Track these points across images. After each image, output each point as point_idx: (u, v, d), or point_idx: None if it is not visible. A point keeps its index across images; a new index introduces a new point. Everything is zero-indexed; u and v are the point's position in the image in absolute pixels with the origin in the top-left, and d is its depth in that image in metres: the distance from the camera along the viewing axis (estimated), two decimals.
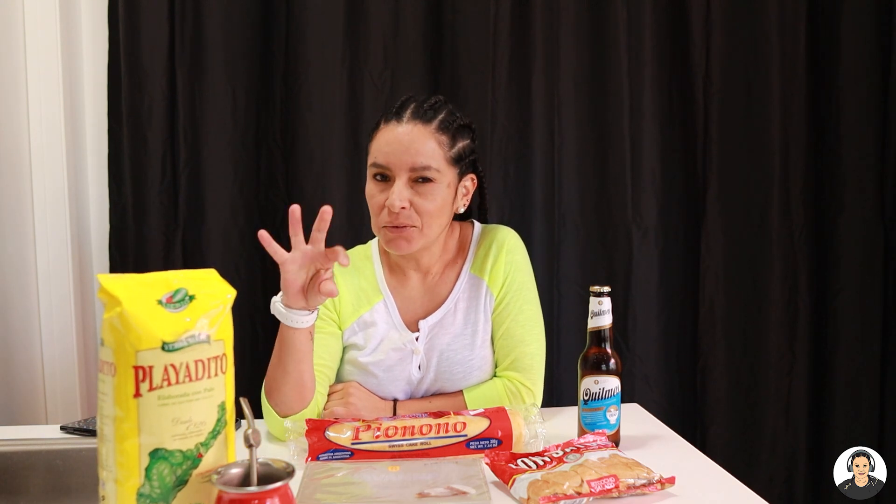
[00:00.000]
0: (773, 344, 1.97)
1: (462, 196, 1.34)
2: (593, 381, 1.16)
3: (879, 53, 1.93)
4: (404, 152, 1.23)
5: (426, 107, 1.27)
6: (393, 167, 1.24)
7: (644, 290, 1.94)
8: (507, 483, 1.00)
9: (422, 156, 1.23)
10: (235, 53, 1.85)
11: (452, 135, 1.27)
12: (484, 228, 1.42)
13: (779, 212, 1.95)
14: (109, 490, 0.77)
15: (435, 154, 1.24)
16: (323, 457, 1.10)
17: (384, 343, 1.33)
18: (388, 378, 1.33)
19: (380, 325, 1.34)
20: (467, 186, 1.34)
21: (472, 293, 1.35)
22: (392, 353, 1.33)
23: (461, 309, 1.35)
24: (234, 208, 1.87)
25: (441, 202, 1.26)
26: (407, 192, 1.23)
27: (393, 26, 1.86)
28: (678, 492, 1.00)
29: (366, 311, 1.35)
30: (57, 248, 1.85)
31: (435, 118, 1.26)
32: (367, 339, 1.34)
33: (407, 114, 1.26)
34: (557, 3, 1.88)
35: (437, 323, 1.34)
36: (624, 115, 1.91)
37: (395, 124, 1.25)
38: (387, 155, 1.24)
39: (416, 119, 1.25)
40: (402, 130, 1.24)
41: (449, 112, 1.29)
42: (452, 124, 1.28)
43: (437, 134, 1.25)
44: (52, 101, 1.82)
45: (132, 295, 0.76)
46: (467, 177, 1.33)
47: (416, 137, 1.24)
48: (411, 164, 1.23)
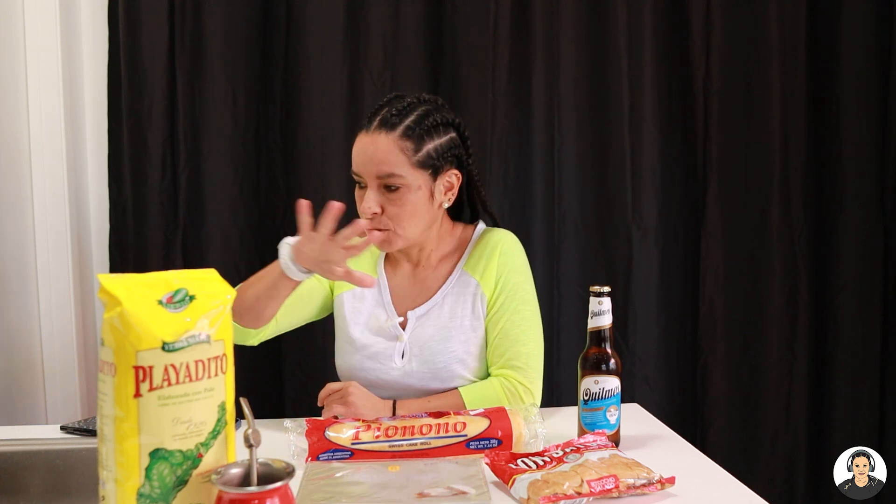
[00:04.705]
0: (773, 344, 1.97)
1: (445, 191, 1.36)
2: (593, 381, 1.16)
3: (879, 53, 1.93)
4: (369, 162, 1.29)
5: (394, 112, 1.30)
6: (363, 175, 1.31)
7: (644, 290, 1.94)
8: (507, 483, 1.00)
9: (385, 164, 1.28)
10: (235, 53, 1.85)
11: (419, 137, 1.29)
12: (485, 230, 1.44)
13: (779, 212, 1.95)
14: (109, 490, 0.77)
15: (398, 161, 1.28)
16: (323, 457, 1.10)
17: (371, 321, 1.39)
18: (373, 366, 1.37)
19: (368, 301, 1.41)
20: (450, 181, 1.36)
21: (461, 289, 1.38)
22: (377, 339, 1.37)
23: (448, 304, 1.38)
24: (234, 208, 1.87)
25: (412, 206, 1.30)
26: (378, 198, 1.30)
27: (393, 26, 1.86)
28: (678, 492, 1.00)
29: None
30: (57, 248, 1.85)
31: (400, 124, 1.29)
32: (355, 314, 1.41)
33: (375, 122, 1.30)
34: (557, 3, 1.88)
35: (425, 314, 1.38)
36: (624, 115, 1.91)
37: (364, 133, 1.31)
38: (357, 164, 1.32)
39: (381, 127, 1.29)
40: (369, 140, 1.30)
41: (420, 114, 1.31)
42: (420, 126, 1.30)
43: (400, 141, 1.28)
44: (52, 102, 1.82)
45: (132, 295, 0.76)
46: (448, 173, 1.35)
47: (380, 147, 1.28)
48: (377, 173, 1.29)
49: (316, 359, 1.88)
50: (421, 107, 1.32)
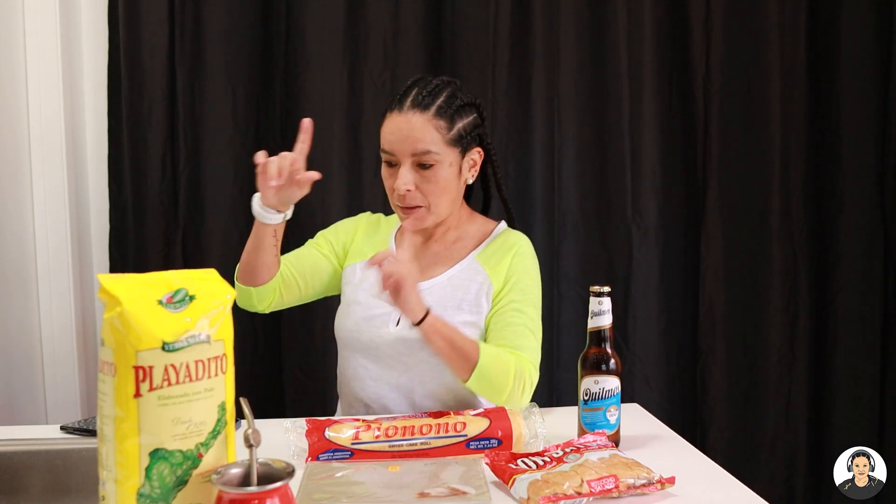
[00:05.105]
0: (773, 344, 1.97)
1: (469, 168, 1.41)
2: (593, 381, 1.16)
3: (879, 53, 1.93)
4: (405, 140, 1.33)
5: (426, 93, 1.35)
6: (397, 153, 1.34)
7: (644, 290, 1.94)
8: (507, 483, 1.00)
9: (421, 143, 1.32)
10: (235, 53, 1.85)
11: (451, 117, 1.35)
12: (505, 230, 1.48)
13: (779, 212, 1.95)
14: (109, 490, 0.77)
15: (434, 139, 1.33)
16: (323, 457, 1.10)
17: (377, 286, 1.35)
18: (368, 328, 1.38)
19: (376, 269, 1.36)
20: (474, 159, 1.42)
21: (470, 276, 1.40)
22: (378, 302, 1.37)
23: (452, 286, 1.40)
24: (234, 208, 1.87)
25: (444, 182, 1.35)
26: (411, 177, 1.33)
27: (393, 26, 1.86)
28: (678, 492, 1.00)
29: (371, 255, 1.40)
30: (57, 248, 1.85)
31: (433, 104, 1.34)
32: (364, 281, 1.43)
33: (407, 102, 1.34)
34: (557, 3, 1.88)
35: (428, 290, 1.39)
36: (624, 115, 1.91)
37: (397, 114, 1.35)
38: (391, 143, 1.35)
39: (415, 107, 1.33)
40: (403, 120, 1.34)
41: (449, 95, 1.36)
42: (451, 107, 1.35)
43: (434, 120, 1.33)
44: (52, 102, 1.82)
45: (132, 295, 0.76)
46: (473, 150, 1.41)
47: (416, 126, 1.32)
48: (412, 151, 1.33)
49: (316, 359, 1.88)
50: (448, 87, 1.38)
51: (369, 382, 1.39)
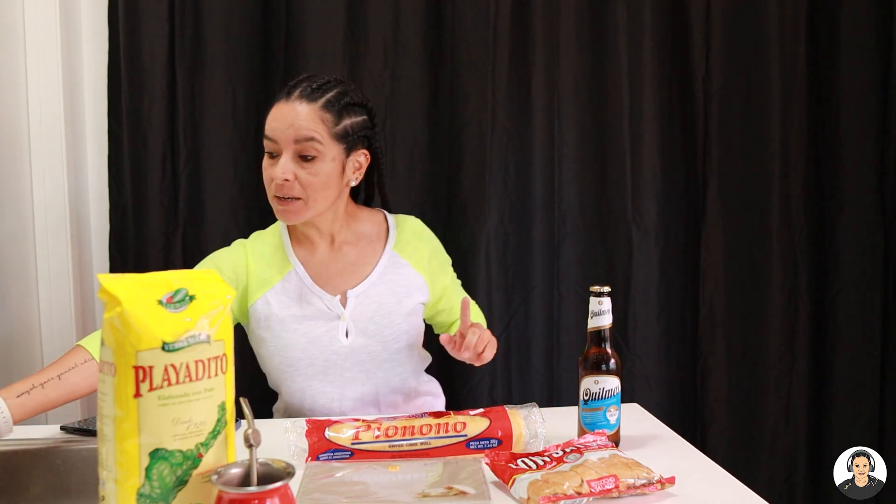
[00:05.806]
0: (773, 344, 1.97)
1: (354, 170, 1.40)
2: (593, 381, 1.16)
3: (879, 53, 1.93)
4: (289, 127, 1.32)
5: (315, 86, 1.35)
6: (280, 141, 1.33)
7: (644, 290, 1.94)
8: (507, 483, 1.00)
9: (305, 130, 1.31)
10: (235, 53, 1.85)
11: (339, 112, 1.35)
12: (398, 216, 1.52)
13: (779, 211, 1.95)
14: (109, 490, 0.77)
15: (318, 130, 1.32)
16: (323, 457, 1.10)
17: (305, 308, 1.40)
18: (317, 350, 1.39)
19: (290, 293, 1.41)
20: (360, 161, 1.41)
21: (396, 269, 1.46)
22: (316, 322, 1.39)
23: (386, 282, 1.43)
24: (234, 208, 1.87)
25: (325, 177, 1.34)
26: (291, 166, 1.32)
27: (393, 26, 1.86)
28: (678, 492, 1.00)
29: (278, 280, 1.42)
30: (57, 248, 1.85)
31: (322, 97, 1.34)
32: (284, 308, 1.40)
33: (296, 93, 1.34)
34: (557, 3, 1.88)
35: (364, 292, 1.42)
36: (624, 115, 1.91)
37: (284, 102, 1.34)
38: (274, 130, 1.33)
39: (303, 97, 1.33)
40: (288, 108, 1.33)
41: (339, 92, 1.36)
42: (339, 102, 1.35)
43: (321, 111, 1.33)
44: (52, 102, 1.82)
45: (132, 295, 0.76)
46: (359, 152, 1.40)
47: (301, 114, 1.32)
48: (295, 137, 1.31)
49: None
50: (339, 85, 1.38)
51: (332, 406, 1.41)
